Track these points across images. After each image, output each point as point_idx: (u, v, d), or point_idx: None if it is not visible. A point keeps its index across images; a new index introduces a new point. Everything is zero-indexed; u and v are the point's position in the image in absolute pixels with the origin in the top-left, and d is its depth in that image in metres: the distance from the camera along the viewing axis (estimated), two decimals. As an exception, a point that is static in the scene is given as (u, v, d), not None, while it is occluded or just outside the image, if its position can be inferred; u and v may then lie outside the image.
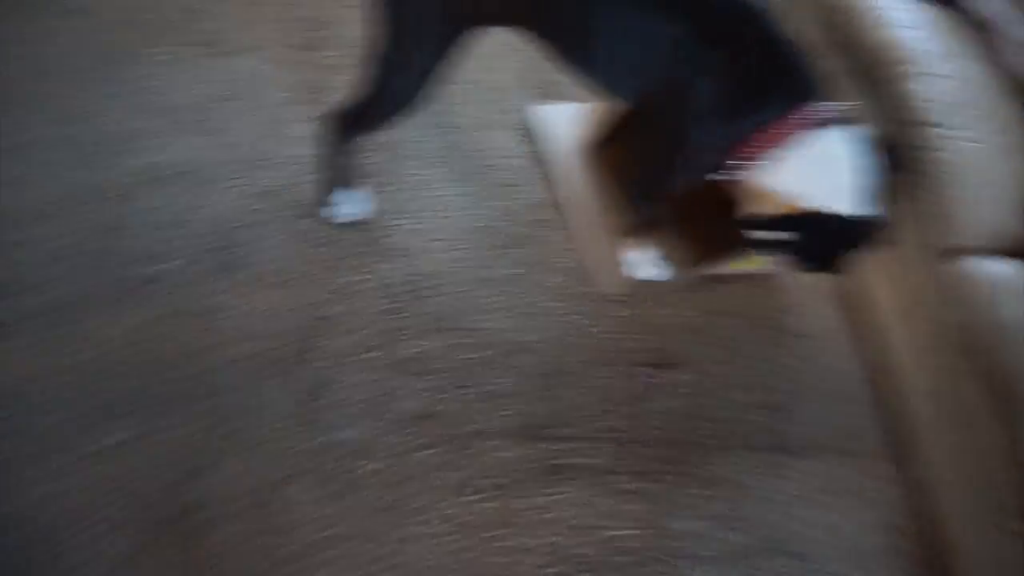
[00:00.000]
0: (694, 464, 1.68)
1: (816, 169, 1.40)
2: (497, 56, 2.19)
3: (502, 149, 2.05)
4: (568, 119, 2.04)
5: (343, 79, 1.66)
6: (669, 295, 1.90)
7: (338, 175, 1.77)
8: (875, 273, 1.90)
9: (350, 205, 1.81)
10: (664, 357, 1.81)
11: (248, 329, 1.63)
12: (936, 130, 1.75)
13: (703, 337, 1.86)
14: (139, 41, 2.06)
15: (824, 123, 1.39)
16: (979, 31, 1.89)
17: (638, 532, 1.56)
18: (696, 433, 1.72)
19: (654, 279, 1.85)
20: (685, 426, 1.73)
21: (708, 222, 1.77)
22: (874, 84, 1.94)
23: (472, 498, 1.52)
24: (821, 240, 1.44)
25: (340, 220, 1.81)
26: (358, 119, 1.63)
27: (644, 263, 1.84)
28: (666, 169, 1.58)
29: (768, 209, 1.45)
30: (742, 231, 1.51)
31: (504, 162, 2.03)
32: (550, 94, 2.14)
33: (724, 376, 1.82)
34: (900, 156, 1.50)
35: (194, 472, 1.46)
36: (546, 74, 2.16)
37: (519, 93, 2.17)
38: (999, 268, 1.58)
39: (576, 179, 1.97)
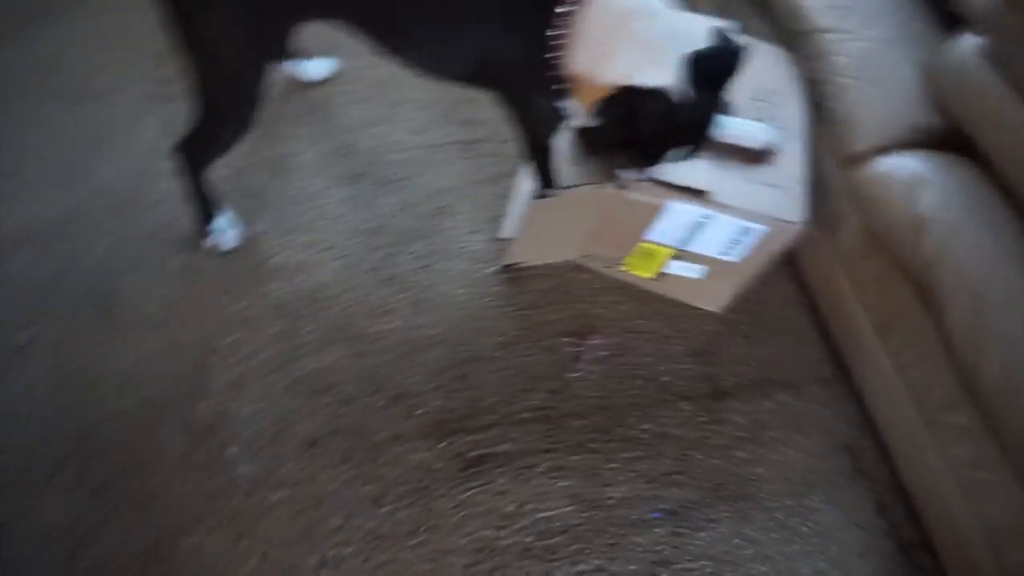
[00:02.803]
0: (628, 427, 1.60)
1: (634, 44, 1.19)
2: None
3: (392, 144, 1.96)
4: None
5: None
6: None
7: (208, 203, 1.68)
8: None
9: (230, 231, 1.72)
10: (585, 323, 1.73)
11: (136, 377, 1.54)
12: (828, 35, 1.70)
13: (622, 295, 1.78)
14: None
15: None
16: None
17: (573, 509, 1.47)
18: (627, 394, 1.64)
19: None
20: (615, 389, 1.65)
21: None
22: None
23: (391, 507, 1.44)
24: (647, 125, 1.22)
25: (224, 248, 1.72)
26: (200, 147, 1.54)
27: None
28: (539, 118, 1.48)
29: (595, 97, 1.26)
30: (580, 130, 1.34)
31: (395, 157, 1.94)
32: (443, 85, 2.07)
33: (648, 330, 1.74)
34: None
35: (86, 539, 1.36)
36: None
37: (407, 84, 2.07)
38: (907, 163, 1.51)
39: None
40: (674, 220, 1.52)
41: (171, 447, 1.48)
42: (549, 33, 1.21)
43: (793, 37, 1.78)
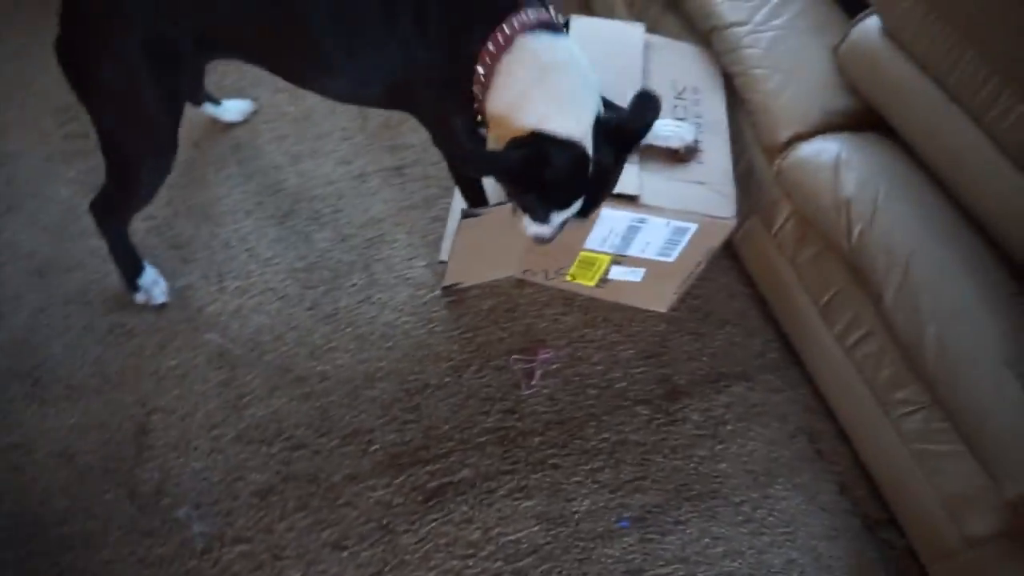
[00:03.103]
0: (586, 438, 1.59)
1: (551, 95, 1.19)
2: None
3: (319, 177, 1.92)
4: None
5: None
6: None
7: (134, 258, 1.63)
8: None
9: (160, 284, 1.66)
10: (533, 338, 1.71)
11: (73, 447, 1.47)
12: (738, 29, 1.73)
13: (567, 307, 1.77)
14: None
15: (538, 28, 1.20)
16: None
17: (539, 528, 1.45)
18: (582, 405, 1.63)
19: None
20: (569, 402, 1.64)
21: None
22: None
23: (353, 550, 1.39)
24: (555, 171, 1.20)
25: (156, 303, 1.65)
26: (116, 202, 1.49)
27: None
28: (454, 138, 1.44)
29: (508, 137, 1.24)
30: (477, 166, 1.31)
31: (323, 190, 1.90)
32: (366, 113, 2.06)
33: (597, 338, 1.74)
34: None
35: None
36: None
37: (331, 117, 2.07)
38: (828, 147, 1.54)
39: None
40: (609, 227, 1.52)
41: (118, 515, 1.41)
42: (464, 64, 1.21)
43: (706, 34, 1.81)
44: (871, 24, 1.49)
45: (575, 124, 1.15)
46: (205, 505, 1.43)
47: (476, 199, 1.58)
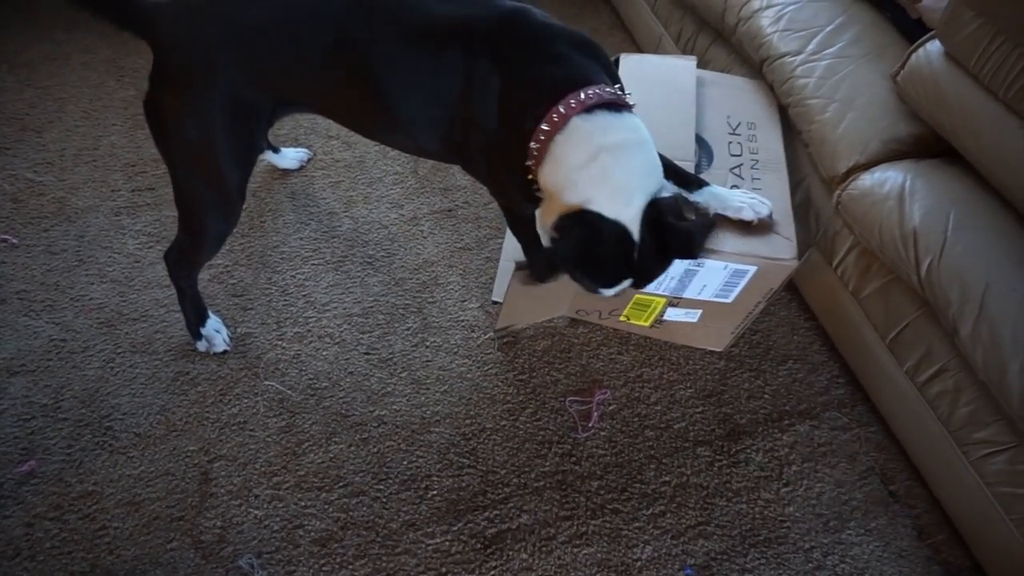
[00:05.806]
0: (646, 481, 1.55)
1: (601, 177, 1.16)
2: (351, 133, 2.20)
3: (373, 222, 1.97)
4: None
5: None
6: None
7: (200, 307, 1.68)
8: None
9: (221, 333, 1.71)
10: (589, 379, 1.70)
11: (141, 496, 1.50)
12: (792, 59, 1.70)
13: (623, 346, 1.75)
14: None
15: (597, 107, 1.18)
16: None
17: (601, 577, 1.45)
18: (641, 447, 1.60)
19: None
20: (628, 444, 1.61)
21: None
22: (726, 32, 1.91)
23: (412, 600, 1.41)
24: (603, 249, 1.17)
25: (217, 351, 1.70)
26: (190, 250, 1.54)
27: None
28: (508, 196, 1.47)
29: (553, 210, 1.23)
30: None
31: (377, 235, 1.94)
32: (417, 158, 2.07)
33: (654, 378, 1.71)
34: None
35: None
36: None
37: (383, 162, 2.11)
38: (891, 176, 1.49)
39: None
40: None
41: (183, 564, 1.43)
42: (520, 140, 1.21)
43: (759, 65, 1.78)
44: (932, 49, 1.44)
45: (623, 208, 1.12)
46: (266, 553, 1.44)
47: (530, 243, 1.58)
